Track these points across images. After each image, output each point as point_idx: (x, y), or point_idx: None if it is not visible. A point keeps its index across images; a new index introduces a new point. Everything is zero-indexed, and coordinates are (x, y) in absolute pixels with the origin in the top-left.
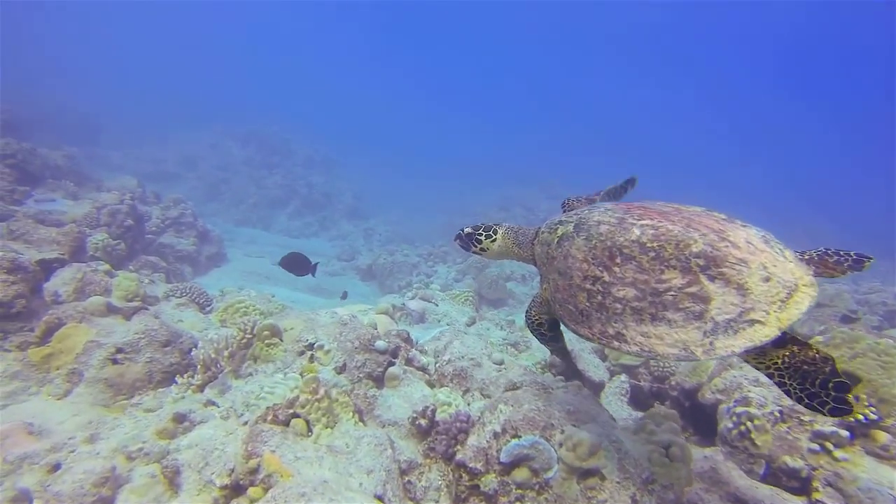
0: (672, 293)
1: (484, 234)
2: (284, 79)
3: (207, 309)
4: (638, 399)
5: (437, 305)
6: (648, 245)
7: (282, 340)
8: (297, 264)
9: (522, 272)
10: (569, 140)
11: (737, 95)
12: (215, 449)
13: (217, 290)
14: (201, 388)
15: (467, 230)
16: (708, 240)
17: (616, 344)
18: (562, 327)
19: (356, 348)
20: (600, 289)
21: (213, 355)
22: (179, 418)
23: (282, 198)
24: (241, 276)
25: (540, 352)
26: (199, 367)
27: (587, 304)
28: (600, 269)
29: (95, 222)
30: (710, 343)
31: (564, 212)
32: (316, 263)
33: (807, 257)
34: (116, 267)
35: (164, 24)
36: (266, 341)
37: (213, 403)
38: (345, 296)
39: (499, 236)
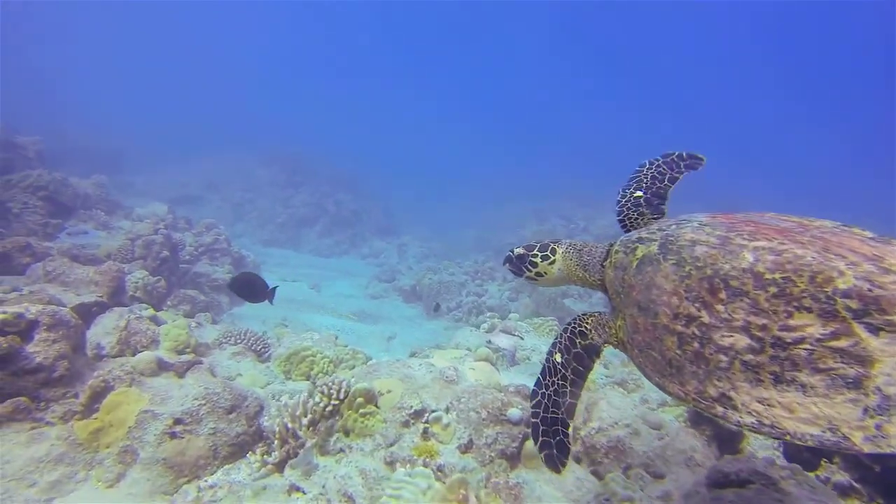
0: (807, 347)
1: (540, 254)
2: (302, 100)
3: (265, 355)
4: (793, 456)
5: (522, 339)
6: (768, 277)
7: (378, 407)
8: (251, 289)
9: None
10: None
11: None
12: None
13: (260, 325)
14: (280, 468)
15: (518, 251)
16: (861, 272)
17: (720, 410)
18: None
19: (483, 420)
20: (697, 333)
21: (290, 424)
22: None
23: (310, 217)
24: (281, 304)
25: (655, 391)
26: (275, 440)
27: (678, 352)
28: (697, 305)
29: (130, 255)
30: (878, 427)
31: (622, 209)
32: (274, 288)
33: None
34: (157, 307)
35: (182, 50)
36: (360, 410)
37: (299, 489)
38: (437, 308)
39: (558, 257)
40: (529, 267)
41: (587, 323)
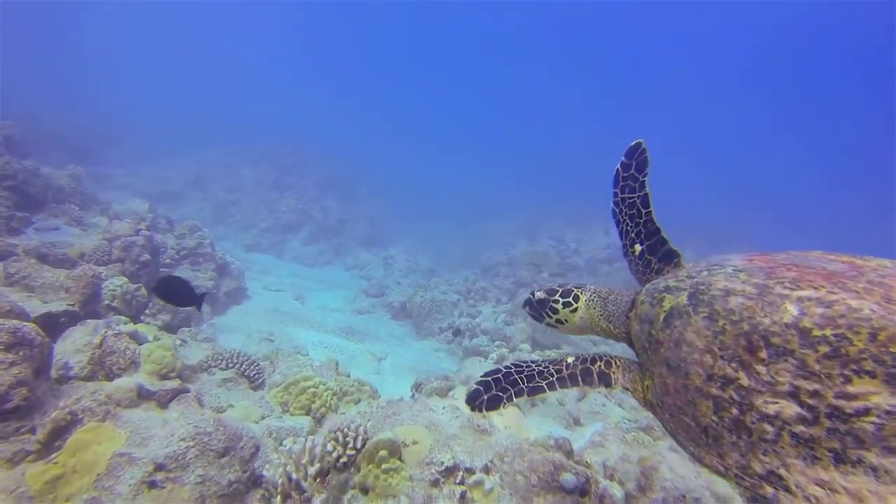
0: (874, 420)
1: (561, 300)
2: (299, 99)
3: (258, 381)
4: None
5: None
6: (817, 334)
7: (402, 461)
8: (176, 293)
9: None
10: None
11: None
12: None
13: (244, 338)
14: None
15: (540, 295)
16: None
17: (769, 491)
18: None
19: (533, 486)
20: (735, 397)
21: (294, 475)
22: None
23: (295, 223)
24: (264, 315)
25: None
26: (276, 496)
27: (714, 419)
28: (734, 366)
29: (107, 257)
30: None
31: (635, 272)
32: (203, 294)
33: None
34: (135, 318)
35: (174, 42)
36: (383, 466)
37: None
38: (457, 332)
39: (581, 304)
40: (550, 313)
41: (617, 360)
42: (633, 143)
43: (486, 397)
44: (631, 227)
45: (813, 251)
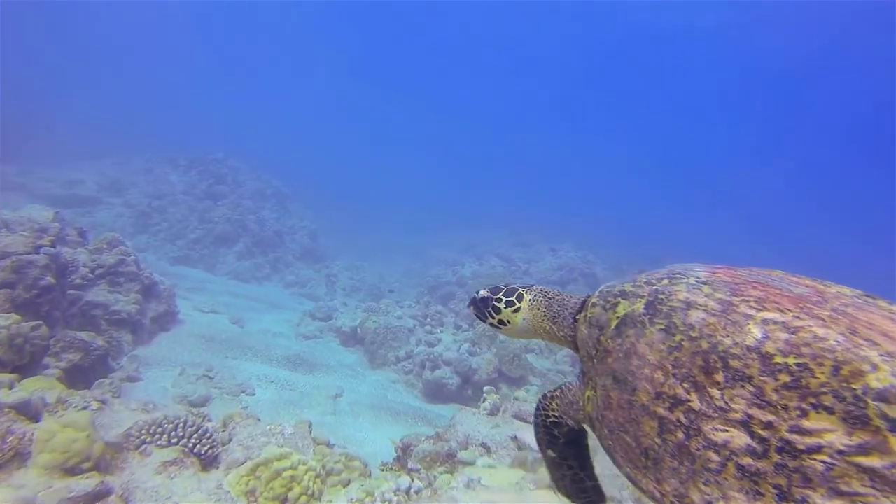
0: (824, 459)
1: (504, 299)
2: (233, 105)
3: (212, 458)
4: None
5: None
6: (779, 361)
7: None
8: None
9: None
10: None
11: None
12: None
13: (176, 373)
14: None
15: (483, 293)
16: None
17: None
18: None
19: None
20: (683, 420)
21: None
22: None
23: (230, 234)
24: (198, 343)
25: None
26: None
27: (657, 440)
28: (686, 386)
29: None
30: None
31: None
32: None
33: None
34: (31, 368)
35: (87, 37)
36: None
37: None
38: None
39: (524, 304)
40: (493, 313)
41: (554, 410)
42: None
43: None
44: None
45: (776, 270)
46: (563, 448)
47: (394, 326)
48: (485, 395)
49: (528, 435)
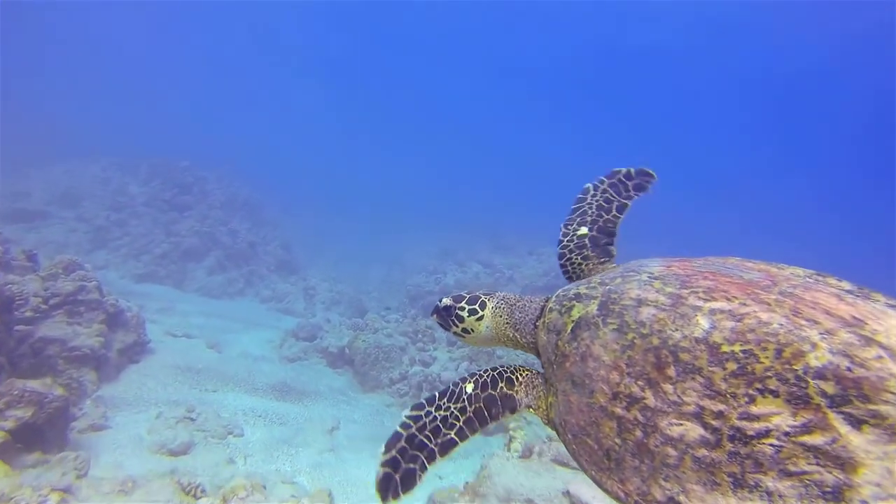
0: (773, 442)
1: (467, 307)
2: (197, 108)
3: None
4: None
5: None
6: (726, 350)
7: None
8: None
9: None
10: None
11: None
12: None
13: (153, 416)
14: None
15: (446, 301)
16: (838, 343)
17: None
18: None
19: None
20: (640, 418)
21: None
22: None
23: (199, 248)
24: (173, 375)
25: None
26: None
27: (617, 441)
28: (641, 384)
29: None
30: None
31: (563, 250)
32: None
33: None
34: None
35: (50, 30)
36: None
37: None
38: None
39: (487, 312)
40: (455, 321)
41: (520, 374)
42: (648, 169)
43: (398, 478)
44: (593, 213)
45: (731, 257)
46: (486, 398)
47: (385, 346)
48: (511, 432)
49: (583, 489)
